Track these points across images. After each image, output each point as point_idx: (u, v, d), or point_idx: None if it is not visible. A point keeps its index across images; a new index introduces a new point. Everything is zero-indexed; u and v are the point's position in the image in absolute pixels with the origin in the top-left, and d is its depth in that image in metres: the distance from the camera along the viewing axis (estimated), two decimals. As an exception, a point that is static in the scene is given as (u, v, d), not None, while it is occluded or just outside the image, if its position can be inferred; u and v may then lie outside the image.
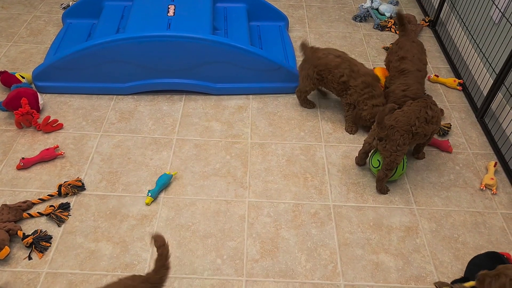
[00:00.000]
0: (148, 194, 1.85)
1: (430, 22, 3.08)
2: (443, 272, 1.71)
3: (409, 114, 1.88)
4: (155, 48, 2.22)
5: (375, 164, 1.97)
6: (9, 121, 2.17)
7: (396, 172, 1.95)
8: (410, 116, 1.87)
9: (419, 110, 1.91)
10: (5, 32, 2.74)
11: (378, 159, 1.95)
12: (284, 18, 2.86)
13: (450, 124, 2.30)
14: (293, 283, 1.65)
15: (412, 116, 1.88)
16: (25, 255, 1.66)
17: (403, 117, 1.87)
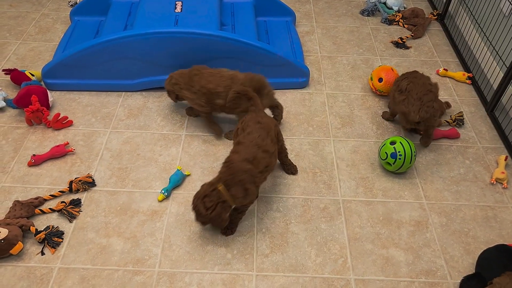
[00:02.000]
0: (163, 192, 1.86)
1: (438, 16, 3.05)
2: (453, 266, 1.71)
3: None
4: (163, 44, 2.22)
5: (383, 157, 1.97)
6: (19, 118, 2.19)
7: (403, 165, 1.95)
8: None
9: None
10: (14, 30, 2.76)
11: (386, 152, 1.95)
12: (291, 13, 2.85)
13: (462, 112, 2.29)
14: (303, 277, 1.65)
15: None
16: (37, 250, 1.68)
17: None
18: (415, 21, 2.96)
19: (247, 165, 1.63)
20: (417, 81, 2.07)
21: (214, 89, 2.03)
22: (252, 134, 1.72)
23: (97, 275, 1.62)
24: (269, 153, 1.71)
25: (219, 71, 2.08)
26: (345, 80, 2.54)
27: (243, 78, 2.03)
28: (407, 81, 2.09)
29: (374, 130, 2.24)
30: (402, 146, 1.94)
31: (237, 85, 2.00)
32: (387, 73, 2.35)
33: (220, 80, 2.04)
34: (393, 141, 1.96)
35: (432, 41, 2.88)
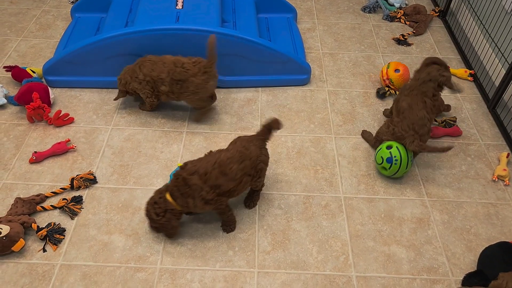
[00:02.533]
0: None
1: (440, 12, 3.04)
2: (455, 263, 1.71)
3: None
4: (164, 41, 2.22)
5: (378, 161, 1.94)
6: (20, 115, 2.19)
7: (399, 170, 1.91)
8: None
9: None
10: (14, 27, 2.75)
11: (381, 156, 1.92)
12: (292, 10, 2.84)
13: (455, 117, 2.27)
14: (304, 274, 1.65)
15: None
16: (39, 247, 1.68)
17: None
18: (416, 18, 2.95)
19: (194, 180, 1.58)
20: (416, 107, 1.93)
21: (158, 75, 2.05)
22: (226, 153, 1.65)
23: (99, 272, 1.62)
24: (228, 177, 1.62)
25: (161, 58, 2.09)
26: (346, 77, 2.53)
27: (187, 62, 2.04)
28: (406, 103, 1.96)
29: (376, 127, 2.24)
30: (398, 150, 1.89)
31: (179, 68, 2.02)
32: (406, 70, 2.36)
33: (163, 66, 2.05)
34: (390, 146, 1.92)
35: (434, 38, 2.87)
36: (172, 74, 2.03)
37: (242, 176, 1.65)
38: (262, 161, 1.72)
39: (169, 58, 2.08)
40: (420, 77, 2.00)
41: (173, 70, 2.03)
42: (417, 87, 1.98)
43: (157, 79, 2.06)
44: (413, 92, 1.98)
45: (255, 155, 1.69)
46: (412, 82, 2.03)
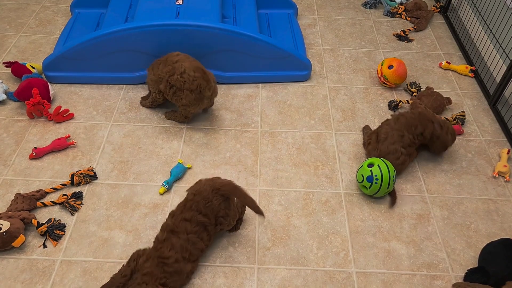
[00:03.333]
0: (164, 185, 1.86)
1: (441, 8, 3.03)
2: (455, 259, 1.71)
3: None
4: (164, 37, 2.21)
5: (359, 179, 1.85)
6: (20, 111, 2.19)
7: (380, 190, 1.82)
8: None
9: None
10: (14, 22, 2.74)
11: (362, 174, 1.85)
12: (292, 6, 2.83)
13: (464, 111, 2.27)
14: (305, 270, 1.65)
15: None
16: (40, 243, 1.68)
17: None
18: (417, 14, 2.94)
19: (188, 266, 1.52)
20: (391, 139, 1.93)
21: (159, 75, 2.05)
22: (190, 223, 1.54)
23: (99, 267, 1.62)
24: (203, 240, 1.56)
25: (166, 57, 2.07)
26: (347, 73, 2.52)
27: (188, 72, 1.98)
28: (384, 131, 1.97)
29: (376, 123, 2.23)
30: (379, 169, 1.80)
31: (177, 76, 1.99)
32: (400, 65, 2.34)
33: (165, 66, 2.03)
34: (371, 163, 1.83)
35: (435, 33, 2.86)
36: (169, 77, 2.01)
37: (207, 223, 1.57)
38: (214, 199, 1.57)
39: (173, 57, 2.04)
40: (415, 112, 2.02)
41: (172, 74, 2.00)
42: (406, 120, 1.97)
43: (158, 79, 2.06)
44: (399, 120, 1.97)
45: (207, 192, 1.57)
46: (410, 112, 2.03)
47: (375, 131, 2.04)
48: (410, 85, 2.40)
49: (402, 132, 1.95)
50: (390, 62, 2.34)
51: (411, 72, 2.53)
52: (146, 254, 1.52)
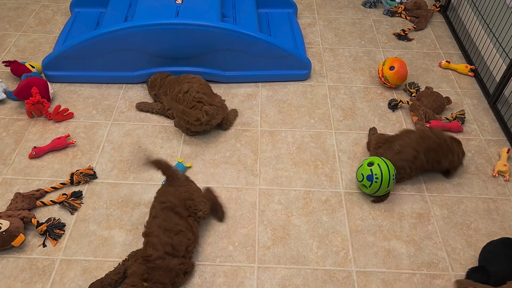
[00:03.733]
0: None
1: (441, 7, 3.03)
2: (455, 258, 1.71)
3: None
4: (164, 36, 2.21)
5: (359, 178, 1.85)
6: (20, 110, 2.19)
7: (380, 189, 1.81)
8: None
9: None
10: (13, 21, 2.74)
11: (362, 173, 1.83)
12: (292, 5, 2.83)
13: (463, 110, 2.27)
14: (304, 269, 1.65)
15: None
16: (39, 242, 1.68)
17: None
18: (417, 13, 2.94)
19: (172, 261, 1.52)
20: (403, 155, 1.89)
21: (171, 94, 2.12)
22: (158, 219, 1.58)
23: (99, 266, 1.62)
24: (183, 232, 1.58)
25: (181, 81, 2.12)
26: (347, 72, 2.52)
27: (193, 87, 2.02)
28: (400, 143, 1.91)
29: (376, 122, 2.23)
30: (379, 168, 1.79)
31: (177, 93, 2.05)
32: (401, 66, 2.33)
33: (178, 84, 2.11)
34: (371, 162, 1.82)
35: (435, 33, 2.86)
36: (167, 90, 2.08)
37: (186, 223, 1.61)
38: (186, 198, 1.65)
39: (189, 81, 2.06)
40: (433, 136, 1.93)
41: (172, 89, 2.09)
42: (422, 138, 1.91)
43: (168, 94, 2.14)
44: (412, 135, 1.92)
45: (175, 196, 1.63)
46: (422, 131, 1.96)
47: (389, 138, 1.96)
48: (409, 85, 2.39)
49: (418, 153, 1.88)
50: (391, 63, 2.34)
51: (411, 71, 2.53)
52: (135, 255, 1.55)
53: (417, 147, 1.89)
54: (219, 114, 2.04)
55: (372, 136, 2.08)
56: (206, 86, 2.08)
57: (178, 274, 1.54)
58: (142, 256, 1.51)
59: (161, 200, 1.64)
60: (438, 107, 2.22)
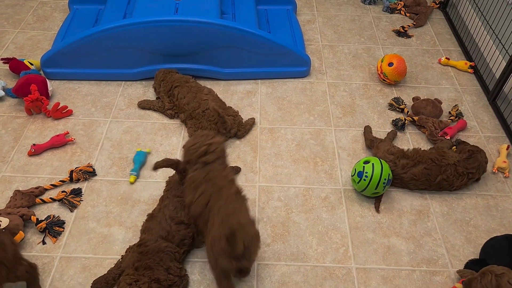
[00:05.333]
0: (133, 174, 1.88)
1: (440, 4, 3.02)
2: (454, 255, 1.71)
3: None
4: (163, 33, 2.20)
5: (352, 173, 1.86)
6: (19, 107, 2.18)
7: (367, 188, 1.80)
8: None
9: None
10: (11, 18, 2.73)
11: (355, 168, 1.84)
12: (291, 2, 2.82)
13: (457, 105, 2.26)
14: (304, 266, 1.65)
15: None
16: (39, 239, 1.68)
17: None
18: (417, 10, 2.93)
19: (163, 243, 1.53)
20: (417, 174, 1.87)
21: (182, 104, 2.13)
22: (168, 207, 1.64)
23: (98, 264, 1.62)
24: (185, 225, 1.61)
25: (196, 92, 2.14)
26: (346, 69, 2.52)
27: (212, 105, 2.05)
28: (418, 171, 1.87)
29: (376, 119, 2.23)
30: (372, 168, 1.78)
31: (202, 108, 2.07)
32: (400, 62, 2.32)
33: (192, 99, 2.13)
34: (367, 161, 1.82)
35: (434, 29, 2.85)
36: (192, 111, 2.08)
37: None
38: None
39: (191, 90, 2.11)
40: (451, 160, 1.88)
41: (182, 98, 2.10)
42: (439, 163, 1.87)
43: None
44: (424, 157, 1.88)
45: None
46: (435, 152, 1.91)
47: (404, 152, 1.91)
48: (396, 103, 2.25)
49: (433, 177, 1.86)
50: (390, 59, 2.33)
51: (411, 68, 2.53)
52: (132, 247, 1.56)
53: (435, 172, 1.86)
54: (235, 124, 2.06)
55: (380, 143, 2.00)
56: (219, 99, 2.13)
57: (166, 259, 1.49)
58: (137, 245, 1.54)
59: (176, 194, 1.68)
60: (439, 112, 2.20)
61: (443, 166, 1.86)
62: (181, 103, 2.10)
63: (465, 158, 1.89)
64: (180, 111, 2.12)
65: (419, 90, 2.41)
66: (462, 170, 1.87)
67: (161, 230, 1.57)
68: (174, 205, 1.65)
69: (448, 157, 1.88)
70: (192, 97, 2.08)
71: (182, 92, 2.11)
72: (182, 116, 2.10)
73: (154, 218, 1.63)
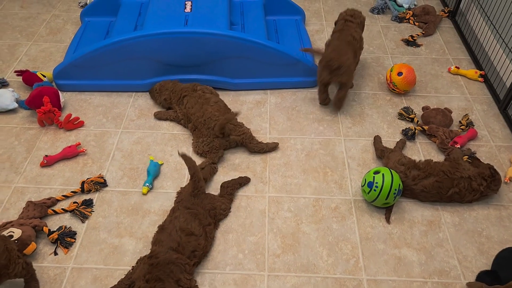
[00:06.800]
0: (147, 185, 1.90)
1: (449, 13, 3.02)
2: (467, 266, 1.69)
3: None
4: (173, 44, 2.22)
5: (362, 183, 1.86)
6: (31, 119, 2.21)
7: (377, 199, 1.79)
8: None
9: None
10: (25, 31, 2.78)
11: (365, 178, 1.83)
12: (300, 12, 2.84)
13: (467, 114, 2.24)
14: (315, 277, 1.65)
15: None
16: (51, 250, 1.69)
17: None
18: (426, 19, 2.93)
19: (174, 255, 1.54)
20: (428, 186, 1.86)
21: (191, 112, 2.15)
22: (178, 219, 1.65)
23: (109, 275, 1.63)
24: (195, 236, 1.62)
25: (203, 102, 2.15)
26: (355, 78, 2.52)
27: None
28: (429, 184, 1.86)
29: (385, 129, 2.23)
30: (382, 178, 1.77)
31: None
32: (409, 72, 2.32)
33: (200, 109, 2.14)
34: (377, 171, 1.81)
35: (444, 38, 2.85)
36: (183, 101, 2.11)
37: (202, 229, 1.66)
38: (209, 209, 1.74)
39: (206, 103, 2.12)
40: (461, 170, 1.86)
41: (189, 105, 2.13)
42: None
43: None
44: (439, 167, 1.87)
45: (202, 206, 1.72)
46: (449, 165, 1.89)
47: (416, 163, 1.90)
48: (406, 112, 2.26)
49: (444, 190, 1.85)
50: (399, 68, 2.33)
51: (420, 77, 2.53)
52: (143, 259, 1.57)
53: (447, 186, 1.84)
54: (235, 130, 2.05)
55: (391, 153, 1.98)
56: (226, 108, 2.14)
57: (177, 271, 1.50)
58: (148, 257, 1.55)
59: (187, 206, 1.70)
60: (449, 122, 2.19)
61: (456, 179, 1.85)
62: (189, 112, 2.11)
63: (489, 178, 1.85)
64: (188, 120, 2.13)
65: (429, 99, 2.41)
66: (477, 186, 1.84)
67: (171, 242, 1.58)
68: (184, 216, 1.66)
69: (462, 169, 1.86)
70: (199, 107, 2.10)
71: (190, 102, 2.13)
72: (190, 125, 2.12)
73: (165, 229, 1.63)
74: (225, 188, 1.87)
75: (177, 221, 1.64)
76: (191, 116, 2.10)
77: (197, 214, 1.68)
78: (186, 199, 1.73)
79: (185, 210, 1.69)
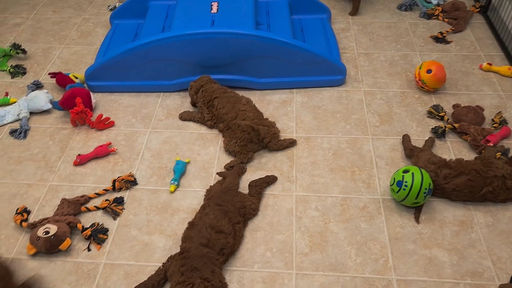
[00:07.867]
0: (173, 183, 1.92)
1: (481, 8, 2.94)
2: (501, 268, 1.65)
3: None
4: (200, 45, 2.25)
5: (391, 182, 1.83)
6: (65, 119, 2.28)
7: (407, 198, 1.77)
8: None
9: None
10: (57, 35, 2.87)
11: (394, 177, 1.81)
12: (326, 10, 2.82)
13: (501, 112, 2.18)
14: (343, 276, 1.64)
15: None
16: (84, 246, 1.74)
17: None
18: (456, 15, 2.86)
19: (204, 249, 1.58)
20: (459, 185, 1.82)
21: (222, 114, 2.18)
22: (208, 215, 1.68)
23: (140, 271, 1.67)
24: (225, 234, 1.64)
25: (234, 104, 2.17)
26: (383, 77, 2.49)
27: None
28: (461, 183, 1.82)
29: (414, 127, 2.19)
30: (412, 177, 1.74)
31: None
32: (439, 69, 2.27)
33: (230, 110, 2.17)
34: (407, 170, 1.78)
35: (475, 34, 2.78)
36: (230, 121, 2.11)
37: (231, 227, 1.68)
38: (239, 207, 1.76)
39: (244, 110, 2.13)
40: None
41: (221, 108, 2.15)
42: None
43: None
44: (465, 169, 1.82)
45: (232, 203, 1.74)
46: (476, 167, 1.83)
47: (446, 162, 1.86)
48: (436, 110, 2.21)
49: (477, 189, 1.81)
50: (428, 65, 2.29)
51: (450, 75, 2.47)
52: (174, 257, 1.61)
53: (479, 185, 1.80)
54: (269, 133, 2.06)
55: (421, 153, 1.95)
56: (256, 109, 2.16)
57: (210, 263, 1.54)
58: (179, 253, 1.59)
59: (218, 202, 1.73)
60: (481, 120, 2.13)
61: (489, 177, 1.80)
62: (220, 113, 2.13)
63: None
64: (219, 121, 2.15)
65: (460, 97, 2.35)
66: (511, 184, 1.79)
67: (201, 238, 1.61)
68: (215, 213, 1.68)
69: (495, 168, 1.81)
70: (230, 107, 2.12)
71: (221, 103, 2.14)
72: (221, 126, 2.14)
73: (195, 226, 1.66)
74: (254, 187, 1.88)
75: (207, 217, 1.67)
76: (223, 116, 2.12)
77: (227, 212, 1.70)
78: (217, 196, 1.75)
79: (216, 206, 1.71)
